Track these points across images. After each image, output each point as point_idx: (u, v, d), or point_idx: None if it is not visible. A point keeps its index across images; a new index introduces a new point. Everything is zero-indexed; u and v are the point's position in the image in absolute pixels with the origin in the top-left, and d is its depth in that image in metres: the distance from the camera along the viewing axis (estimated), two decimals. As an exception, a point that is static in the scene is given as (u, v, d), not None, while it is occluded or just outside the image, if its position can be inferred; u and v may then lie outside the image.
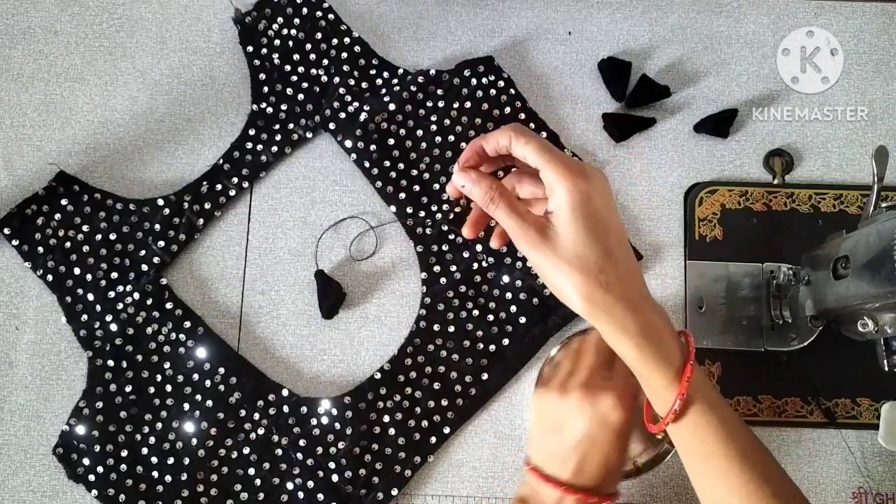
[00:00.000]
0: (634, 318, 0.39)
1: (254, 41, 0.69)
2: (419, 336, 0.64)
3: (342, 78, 0.68)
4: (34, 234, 0.65)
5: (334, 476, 0.61)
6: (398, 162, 0.67)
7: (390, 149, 0.67)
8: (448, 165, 0.67)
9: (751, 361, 0.64)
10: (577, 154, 0.67)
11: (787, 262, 0.63)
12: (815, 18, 0.71)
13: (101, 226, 0.65)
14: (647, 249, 0.66)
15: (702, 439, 0.42)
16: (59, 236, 0.65)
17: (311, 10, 0.69)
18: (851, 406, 0.63)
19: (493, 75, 0.68)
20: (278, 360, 0.64)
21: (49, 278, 0.64)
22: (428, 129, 0.67)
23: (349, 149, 0.67)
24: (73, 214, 0.65)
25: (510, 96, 0.68)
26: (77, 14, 0.71)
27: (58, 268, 0.64)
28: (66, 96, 0.69)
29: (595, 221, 0.39)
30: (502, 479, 0.62)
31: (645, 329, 0.40)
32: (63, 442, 0.62)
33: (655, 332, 0.40)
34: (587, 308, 0.39)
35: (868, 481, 0.62)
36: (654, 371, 0.41)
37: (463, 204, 0.66)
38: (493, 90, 0.68)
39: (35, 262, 0.65)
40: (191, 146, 0.68)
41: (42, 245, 0.65)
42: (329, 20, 0.69)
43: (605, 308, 0.39)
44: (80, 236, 0.65)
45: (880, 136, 0.68)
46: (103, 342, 0.63)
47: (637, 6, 0.71)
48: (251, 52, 0.69)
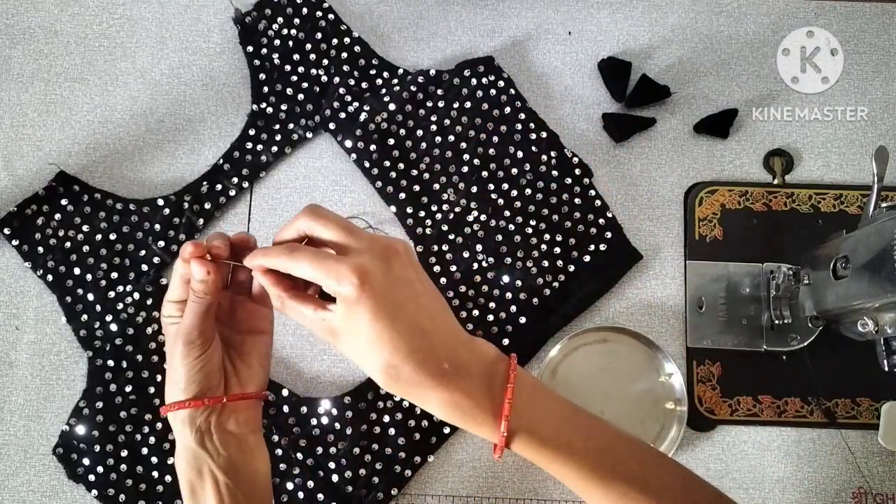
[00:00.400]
0: (432, 396, 0.39)
1: (254, 41, 0.69)
2: None
3: (342, 78, 0.68)
4: (34, 234, 0.65)
5: (334, 476, 0.61)
6: (398, 162, 0.67)
7: (390, 149, 0.67)
8: (449, 166, 0.67)
9: (751, 361, 0.64)
10: (577, 154, 0.67)
11: (786, 263, 0.63)
12: (816, 18, 0.71)
13: (101, 226, 0.65)
14: (647, 249, 0.66)
15: (543, 464, 0.42)
16: (59, 236, 0.65)
17: (311, 10, 0.69)
18: (851, 406, 0.63)
19: (493, 75, 0.68)
20: (278, 360, 0.64)
21: (49, 278, 0.64)
22: (428, 129, 0.67)
23: (349, 149, 0.67)
24: (73, 214, 0.65)
25: (510, 96, 0.68)
26: (77, 14, 0.71)
27: (58, 268, 0.64)
28: (66, 96, 0.69)
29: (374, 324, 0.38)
30: (503, 479, 0.62)
31: (447, 401, 0.39)
32: (63, 442, 0.62)
33: (460, 401, 0.39)
34: (390, 390, 0.39)
35: (868, 481, 0.62)
36: (471, 428, 0.41)
37: (463, 204, 0.66)
38: (493, 90, 0.68)
39: (35, 262, 0.65)
40: (191, 146, 0.68)
41: (42, 245, 0.65)
42: (329, 20, 0.69)
43: (402, 391, 0.39)
44: (80, 236, 0.65)
45: (880, 136, 0.68)
46: (103, 342, 0.63)
47: (637, 6, 0.71)
48: (251, 52, 0.69)
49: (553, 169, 0.66)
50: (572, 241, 0.65)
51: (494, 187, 0.66)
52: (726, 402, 0.63)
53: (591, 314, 0.65)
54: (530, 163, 0.67)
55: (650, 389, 0.63)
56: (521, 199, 0.66)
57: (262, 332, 0.48)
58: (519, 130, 0.67)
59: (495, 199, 0.66)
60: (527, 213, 0.66)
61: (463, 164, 0.67)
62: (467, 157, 0.67)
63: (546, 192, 0.66)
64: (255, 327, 0.47)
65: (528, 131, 0.67)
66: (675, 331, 0.65)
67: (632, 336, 0.64)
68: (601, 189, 0.67)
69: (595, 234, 0.65)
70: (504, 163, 0.67)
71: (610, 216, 0.66)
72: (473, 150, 0.67)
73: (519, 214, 0.66)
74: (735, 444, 0.63)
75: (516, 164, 0.67)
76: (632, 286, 0.66)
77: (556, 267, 0.65)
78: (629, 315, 0.65)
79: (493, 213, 0.66)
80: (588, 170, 0.67)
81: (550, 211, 0.66)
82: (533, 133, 0.67)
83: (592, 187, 0.66)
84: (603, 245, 0.65)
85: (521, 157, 0.67)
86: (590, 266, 0.65)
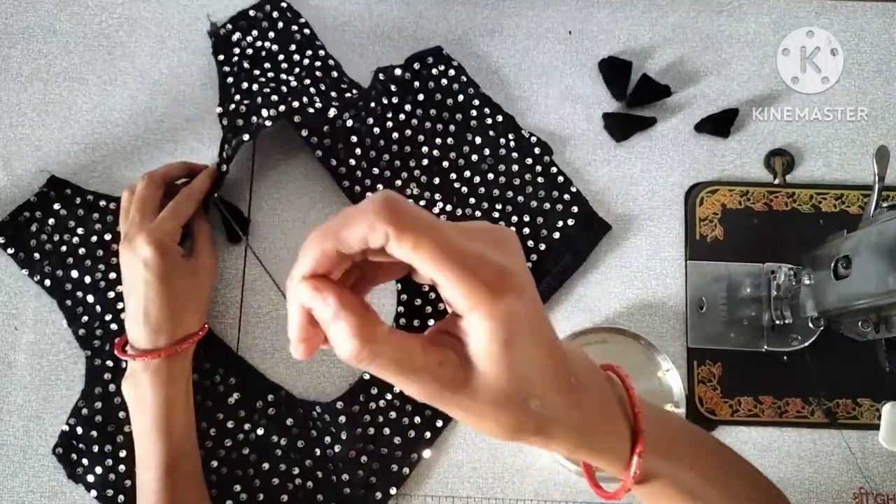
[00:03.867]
0: (564, 429, 0.31)
1: (226, 51, 0.68)
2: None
3: (313, 82, 0.67)
4: (29, 240, 0.65)
5: (333, 477, 0.61)
6: (361, 160, 0.66)
7: (353, 146, 0.66)
8: (409, 160, 0.66)
9: (752, 362, 0.63)
10: (534, 133, 0.67)
11: (787, 263, 0.63)
12: (816, 18, 0.70)
13: (96, 227, 0.65)
14: (648, 249, 0.66)
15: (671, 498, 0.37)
16: (55, 241, 0.65)
17: (287, 25, 0.69)
18: (852, 406, 0.63)
19: (443, 65, 0.68)
20: (278, 361, 0.64)
21: (47, 283, 0.64)
22: (384, 126, 0.67)
23: (314, 145, 0.65)
24: (67, 218, 0.65)
25: (462, 84, 0.68)
26: (76, 13, 0.70)
27: (55, 272, 0.64)
28: (65, 96, 0.69)
29: (522, 349, 0.28)
30: (502, 479, 0.62)
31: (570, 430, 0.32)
32: (62, 442, 0.61)
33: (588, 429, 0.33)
34: (516, 438, 0.31)
35: (869, 482, 0.62)
36: (597, 461, 0.35)
37: (427, 196, 0.66)
38: (444, 80, 0.68)
39: (32, 268, 0.64)
40: (190, 146, 0.68)
41: (38, 251, 0.64)
42: (304, 34, 0.69)
43: (534, 432, 0.31)
44: (75, 239, 0.65)
45: (881, 136, 0.68)
46: (102, 341, 0.63)
47: (638, 5, 0.71)
48: (222, 60, 0.68)
49: (513, 151, 0.66)
50: (540, 219, 0.65)
51: (457, 176, 0.66)
52: (727, 402, 0.63)
53: (591, 315, 0.65)
54: (489, 147, 0.67)
55: (649, 391, 0.63)
56: (484, 184, 0.66)
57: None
58: (474, 117, 0.67)
59: (459, 188, 0.66)
60: (492, 198, 0.66)
61: (423, 157, 0.67)
62: (426, 150, 0.67)
63: (508, 174, 0.66)
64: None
65: (484, 116, 0.67)
66: (675, 331, 0.65)
67: (631, 337, 0.63)
68: (602, 188, 0.67)
69: (562, 210, 0.65)
70: (463, 150, 0.67)
71: (574, 191, 0.66)
72: (431, 142, 0.67)
73: (484, 200, 0.66)
74: (736, 444, 0.63)
75: (475, 151, 0.67)
76: (632, 286, 0.66)
77: (527, 247, 0.65)
78: (630, 315, 0.65)
79: (458, 201, 0.66)
80: (547, 147, 0.67)
81: (515, 193, 0.66)
82: (489, 118, 0.67)
83: (553, 164, 0.66)
84: (571, 220, 0.65)
85: (479, 142, 0.67)
86: (560, 242, 0.65)
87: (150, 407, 0.56)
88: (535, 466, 0.62)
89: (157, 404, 0.56)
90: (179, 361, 0.58)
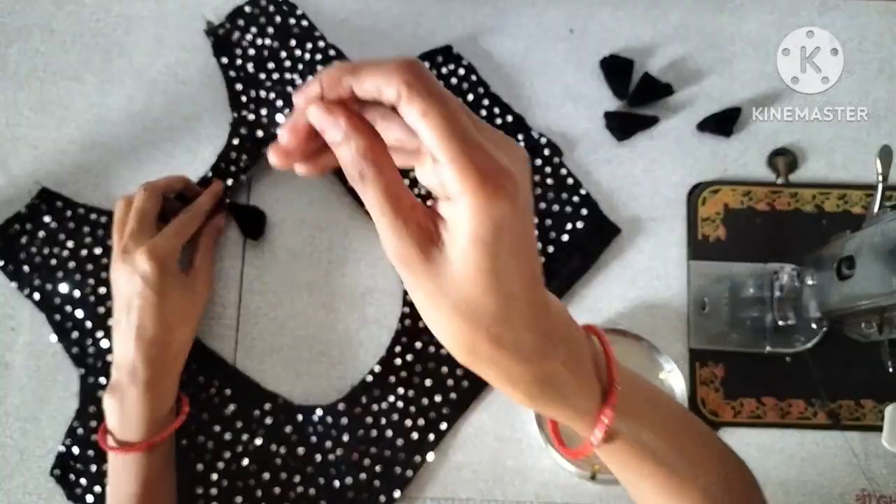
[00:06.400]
0: (526, 369, 0.30)
1: (227, 52, 0.68)
2: (405, 335, 0.63)
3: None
4: (19, 253, 0.64)
5: (335, 482, 0.60)
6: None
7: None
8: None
9: (754, 363, 0.63)
10: (544, 134, 0.66)
11: (790, 263, 0.62)
12: (818, 17, 0.70)
13: (86, 241, 0.64)
14: (650, 250, 0.66)
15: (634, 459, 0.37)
16: (45, 254, 0.64)
17: (285, 19, 0.68)
18: (855, 408, 0.63)
19: (454, 64, 0.68)
20: (276, 362, 0.64)
21: (36, 297, 0.63)
22: None
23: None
24: (58, 231, 0.64)
25: (472, 83, 0.67)
26: (73, 12, 0.70)
27: (44, 286, 0.63)
28: (63, 95, 0.68)
29: (502, 261, 0.27)
30: (503, 482, 0.62)
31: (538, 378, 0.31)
32: (60, 463, 0.61)
33: (559, 380, 0.32)
34: (468, 360, 0.30)
35: (872, 484, 0.61)
36: (560, 416, 0.34)
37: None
38: (454, 79, 0.67)
39: (21, 281, 0.63)
40: (188, 146, 0.67)
41: (27, 264, 0.63)
42: (302, 27, 0.68)
43: (491, 360, 0.30)
44: (65, 252, 0.64)
45: (884, 136, 0.68)
46: (95, 359, 0.62)
47: (639, 4, 0.71)
48: (226, 64, 0.68)
49: None
50: (549, 221, 0.65)
51: None
52: (729, 404, 0.63)
53: (592, 315, 0.65)
54: None
55: (652, 391, 0.62)
56: None
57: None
58: (484, 117, 0.67)
59: None
60: None
61: None
62: None
63: None
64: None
65: (494, 116, 0.67)
66: (677, 332, 0.64)
67: (632, 338, 0.63)
68: (602, 188, 0.66)
69: (571, 213, 0.65)
70: None
71: (584, 193, 0.65)
72: None
73: None
74: (738, 446, 0.61)
75: None
76: (634, 286, 0.65)
77: None
78: (631, 316, 0.65)
79: None
80: (557, 149, 0.66)
81: None
82: (499, 118, 0.67)
83: (563, 166, 0.66)
84: (580, 223, 0.64)
85: None
86: (569, 245, 0.64)
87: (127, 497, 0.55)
88: (537, 469, 0.62)
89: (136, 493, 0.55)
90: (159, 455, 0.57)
